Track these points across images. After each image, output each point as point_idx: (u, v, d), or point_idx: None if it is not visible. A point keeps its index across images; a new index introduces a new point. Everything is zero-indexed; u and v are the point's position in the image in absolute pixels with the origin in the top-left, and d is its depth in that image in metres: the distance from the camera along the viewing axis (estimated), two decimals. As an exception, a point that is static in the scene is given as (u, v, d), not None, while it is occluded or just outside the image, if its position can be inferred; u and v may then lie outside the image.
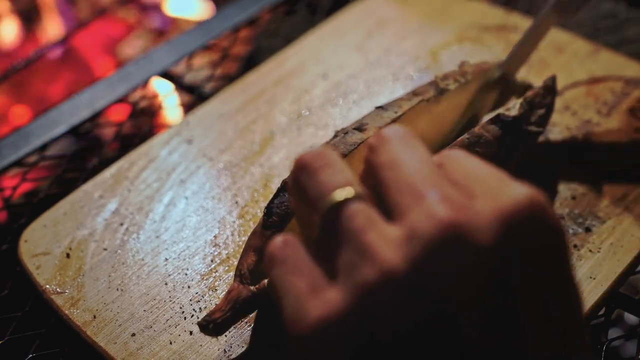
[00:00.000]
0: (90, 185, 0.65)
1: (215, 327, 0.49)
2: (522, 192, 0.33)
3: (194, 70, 0.84)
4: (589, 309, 0.54)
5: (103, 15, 1.09)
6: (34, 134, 0.74)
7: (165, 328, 0.54)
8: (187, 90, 0.81)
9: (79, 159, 0.77)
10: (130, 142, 0.76)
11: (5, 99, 1.11)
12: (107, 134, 0.83)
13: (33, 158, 0.73)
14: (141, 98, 0.81)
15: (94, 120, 0.77)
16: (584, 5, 0.63)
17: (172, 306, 0.56)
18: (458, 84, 0.61)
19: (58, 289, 0.57)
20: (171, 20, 1.18)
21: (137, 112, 0.83)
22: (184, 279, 0.57)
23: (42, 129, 0.74)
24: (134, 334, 0.54)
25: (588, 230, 0.59)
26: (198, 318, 0.54)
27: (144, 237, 0.61)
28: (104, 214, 0.63)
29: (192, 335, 0.54)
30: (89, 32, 1.11)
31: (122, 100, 0.78)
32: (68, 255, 0.59)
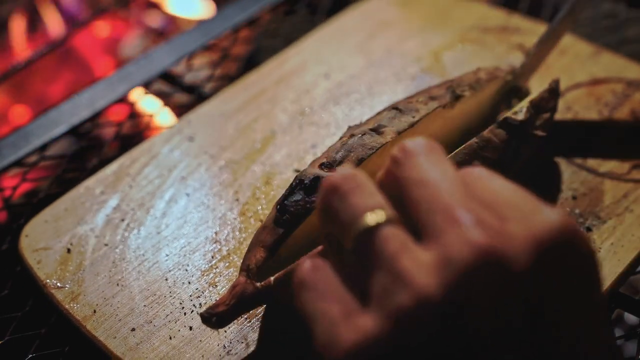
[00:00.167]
0: (92, 181, 0.65)
1: (218, 320, 0.49)
2: (554, 218, 0.33)
3: (194, 70, 0.84)
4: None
5: (103, 15, 1.09)
6: (34, 134, 0.74)
7: (165, 323, 0.54)
8: (187, 90, 0.81)
9: (79, 159, 0.77)
10: (130, 142, 0.76)
11: (5, 99, 1.11)
12: (107, 133, 0.83)
13: (33, 158, 0.73)
14: (141, 98, 0.81)
15: (94, 120, 0.77)
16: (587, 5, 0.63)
17: (172, 302, 0.56)
18: (473, 91, 0.61)
19: (58, 284, 0.57)
20: (171, 20, 1.18)
21: (137, 112, 0.83)
22: (184, 274, 0.57)
23: (42, 129, 0.74)
24: (133, 329, 0.54)
25: (589, 230, 0.59)
26: (198, 314, 0.54)
27: (144, 233, 0.61)
28: (105, 210, 0.62)
29: (192, 330, 0.54)
30: (89, 32, 1.11)
31: (122, 100, 0.78)
32: (69, 251, 0.59)
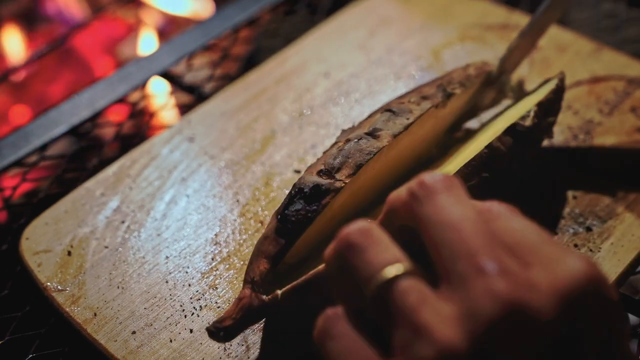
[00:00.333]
0: (92, 183, 0.65)
1: (225, 334, 0.49)
2: (579, 266, 0.33)
3: (194, 70, 0.84)
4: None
5: (103, 15, 1.09)
6: (34, 134, 0.74)
7: (165, 326, 0.54)
8: (187, 90, 0.81)
9: (79, 159, 0.77)
10: (130, 142, 0.76)
11: (5, 99, 1.10)
12: (107, 134, 0.83)
13: (33, 158, 0.73)
14: (141, 98, 0.81)
15: (94, 120, 0.77)
16: None
17: (172, 304, 0.55)
18: (464, 88, 0.61)
19: (59, 287, 0.57)
20: (171, 20, 1.17)
21: (137, 112, 0.83)
22: (184, 277, 0.57)
23: (42, 129, 0.74)
24: (134, 332, 0.54)
25: (589, 229, 0.59)
26: (198, 316, 0.54)
27: (145, 235, 0.60)
28: (106, 212, 0.62)
29: (192, 333, 0.53)
30: (89, 32, 1.10)
31: (122, 100, 0.78)
32: (69, 253, 0.59)
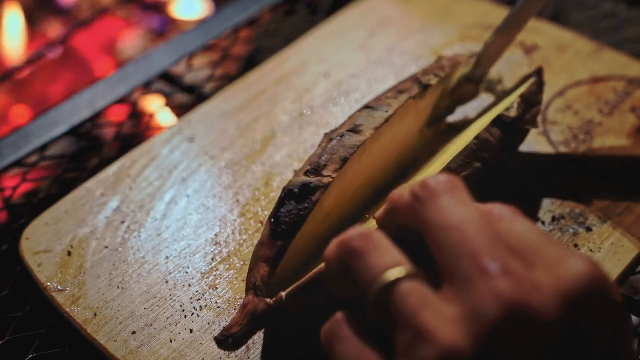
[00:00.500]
0: (92, 183, 0.65)
1: (234, 341, 0.48)
2: (582, 266, 0.33)
3: (194, 70, 0.84)
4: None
5: (103, 15, 1.09)
6: (34, 134, 0.74)
7: (165, 326, 0.54)
8: (187, 90, 0.81)
9: (79, 159, 0.77)
10: (130, 142, 0.76)
11: (5, 99, 1.11)
12: (107, 134, 0.83)
13: (33, 158, 0.73)
14: (141, 98, 0.81)
15: (94, 120, 0.77)
16: None
17: (172, 304, 0.55)
18: (438, 78, 0.61)
19: (59, 287, 0.57)
20: (171, 20, 1.18)
21: (137, 112, 0.83)
22: (184, 277, 0.57)
23: (42, 129, 0.74)
24: (134, 332, 0.54)
25: (589, 229, 0.59)
26: (198, 316, 0.54)
27: (145, 235, 0.60)
28: (105, 212, 0.62)
29: (192, 333, 0.53)
30: (89, 32, 1.10)
31: (122, 100, 0.78)
32: (69, 253, 0.59)
